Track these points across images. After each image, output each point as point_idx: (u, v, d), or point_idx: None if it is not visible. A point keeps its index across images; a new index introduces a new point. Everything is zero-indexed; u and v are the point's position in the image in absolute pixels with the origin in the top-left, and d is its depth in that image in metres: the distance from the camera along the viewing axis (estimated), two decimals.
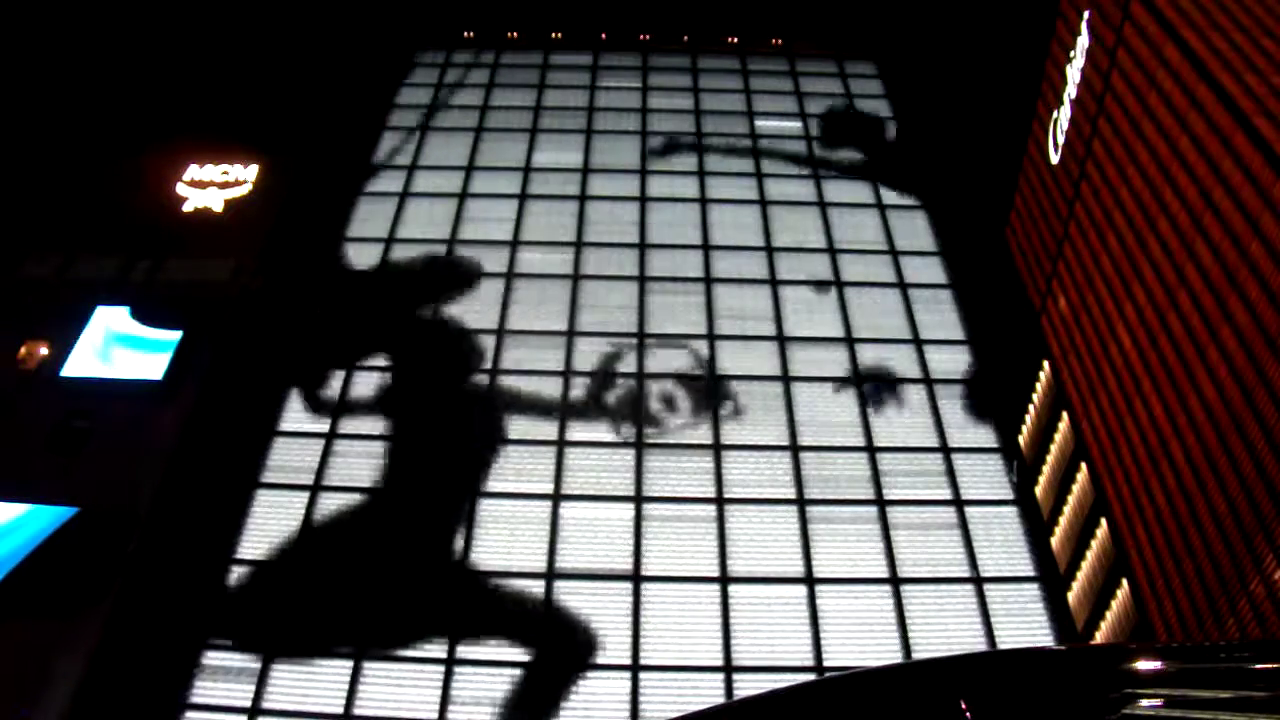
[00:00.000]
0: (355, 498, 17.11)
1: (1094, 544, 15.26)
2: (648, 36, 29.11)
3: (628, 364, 19.44)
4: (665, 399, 18.74)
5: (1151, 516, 13.48)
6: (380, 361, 19.50)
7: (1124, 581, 14.17)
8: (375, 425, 18.24)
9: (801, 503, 17.02)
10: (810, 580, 15.90)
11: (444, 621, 15.28)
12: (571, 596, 15.65)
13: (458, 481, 17.32)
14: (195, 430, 17.68)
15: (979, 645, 15.02)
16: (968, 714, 3.11)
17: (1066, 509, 16.30)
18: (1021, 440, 18.41)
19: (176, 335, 18.85)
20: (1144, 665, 3.33)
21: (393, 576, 15.96)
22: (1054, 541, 16.52)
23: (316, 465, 17.58)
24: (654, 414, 18.47)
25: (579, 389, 18.99)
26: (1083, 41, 17.26)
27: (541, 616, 15.36)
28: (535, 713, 14.23)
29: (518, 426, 18.27)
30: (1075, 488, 16.13)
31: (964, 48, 25.35)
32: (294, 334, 19.99)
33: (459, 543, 16.38)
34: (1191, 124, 13.18)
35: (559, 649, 14.98)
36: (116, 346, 18.78)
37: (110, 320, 19.18)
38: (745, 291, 21.13)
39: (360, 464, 17.62)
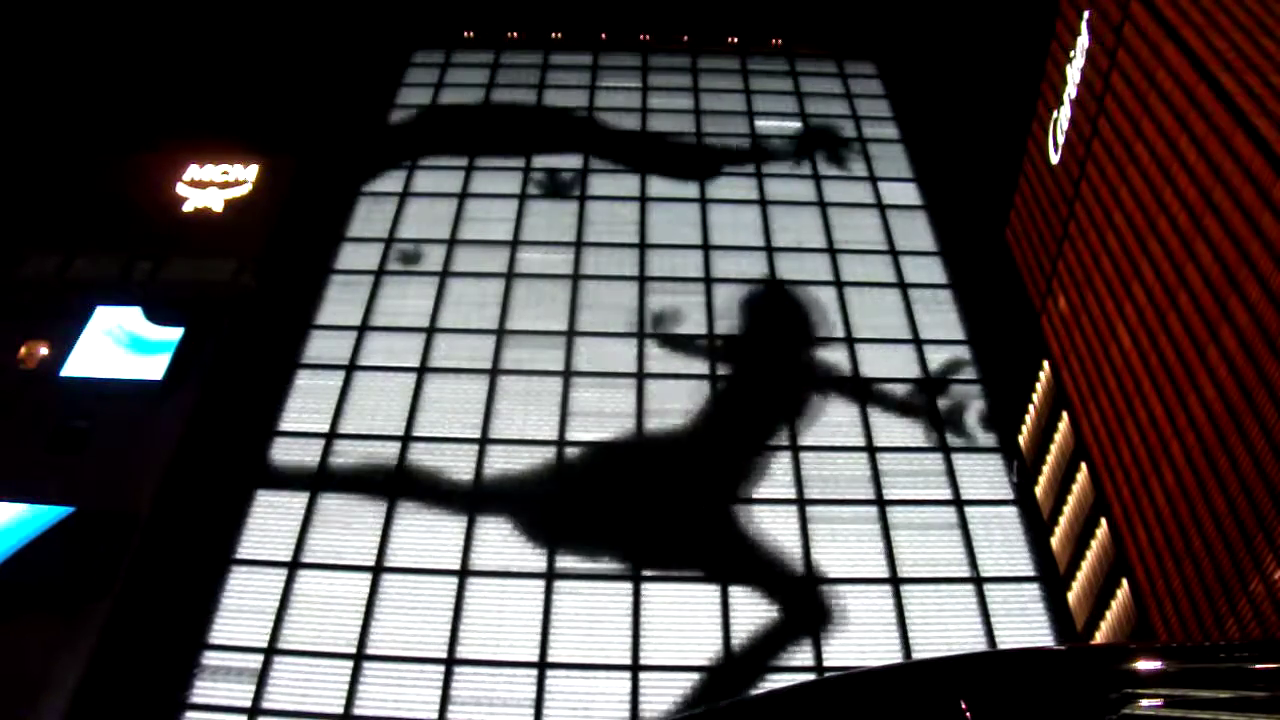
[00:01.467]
0: (355, 498, 17.15)
1: (1094, 544, 15.25)
2: (648, 36, 29.10)
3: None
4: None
5: (1151, 516, 13.48)
6: None
7: (1124, 581, 14.17)
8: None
9: (801, 503, 17.02)
10: (810, 580, 15.90)
11: (444, 622, 15.32)
12: (570, 596, 15.68)
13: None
14: (195, 430, 17.68)
15: (979, 645, 15.01)
16: (968, 714, 3.11)
17: (1066, 509, 16.29)
18: (1021, 440, 18.41)
19: (177, 335, 18.84)
20: (1144, 665, 3.33)
21: (387, 577, 15.97)
22: (1054, 541, 16.51)
23: (316, 466, 17.58)
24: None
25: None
26: (1083, 41, 17.26)
27: (540, 618, 15.39)
28: (535, 712, 14.25)
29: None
30: (1075, 488, 16.12)
31: (964, 48, 25.34)
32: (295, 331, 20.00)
33: (461, 542, 16.42)
34: (1191, 124, 13.17)
35: (557, 649, 15.00)
36: (116, 346, 18.76)
37: (110, 320, 19.17)
38: (744, 291, 21.10)
39: (358, 464, 17.65)
